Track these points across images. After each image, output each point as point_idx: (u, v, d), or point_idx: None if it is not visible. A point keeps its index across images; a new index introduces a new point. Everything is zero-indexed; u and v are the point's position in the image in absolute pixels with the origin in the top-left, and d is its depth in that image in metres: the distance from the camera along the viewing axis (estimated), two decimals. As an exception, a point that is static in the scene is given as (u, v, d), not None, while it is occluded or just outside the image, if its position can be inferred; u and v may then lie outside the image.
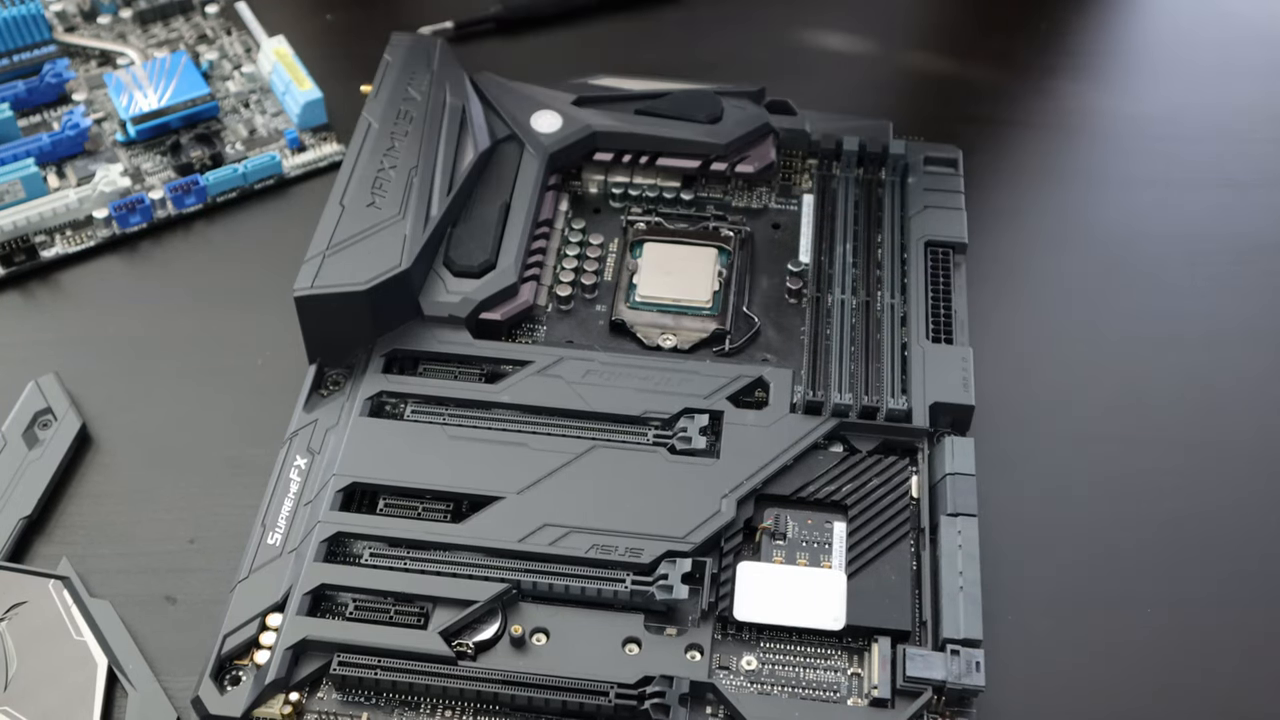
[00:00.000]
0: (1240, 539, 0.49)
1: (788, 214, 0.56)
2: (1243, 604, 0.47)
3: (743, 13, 0.68)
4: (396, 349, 0.49)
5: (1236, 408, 0.53)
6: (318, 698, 0.42)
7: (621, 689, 0.41)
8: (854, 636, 0.43)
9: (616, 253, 0.54)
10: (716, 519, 0.44)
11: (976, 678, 0.41)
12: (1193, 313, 0.56)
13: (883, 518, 0.45)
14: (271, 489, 0.46)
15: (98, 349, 0.54)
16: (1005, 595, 0.46)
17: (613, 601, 0.43)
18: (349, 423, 0.47)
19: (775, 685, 0.42)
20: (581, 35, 0.68)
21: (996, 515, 0.47)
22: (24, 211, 0.56)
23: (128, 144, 0.60)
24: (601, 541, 0.44)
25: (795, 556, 0.45)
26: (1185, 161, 0.62)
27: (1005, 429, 0.51)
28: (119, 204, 0.57)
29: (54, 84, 0.62)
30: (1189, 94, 0.66)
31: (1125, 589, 0.47)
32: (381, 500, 0.46)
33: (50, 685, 0.43)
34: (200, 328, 0.55)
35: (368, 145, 0.53)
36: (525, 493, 0.45)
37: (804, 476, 0.46)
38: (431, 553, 0.44)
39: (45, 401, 0.51)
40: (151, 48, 0.65)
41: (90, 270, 0.57)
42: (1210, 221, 0.60)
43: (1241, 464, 0.51)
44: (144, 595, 0.46)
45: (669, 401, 0.48)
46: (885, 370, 0.49)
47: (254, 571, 0.44)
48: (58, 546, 0.47)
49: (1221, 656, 0.46)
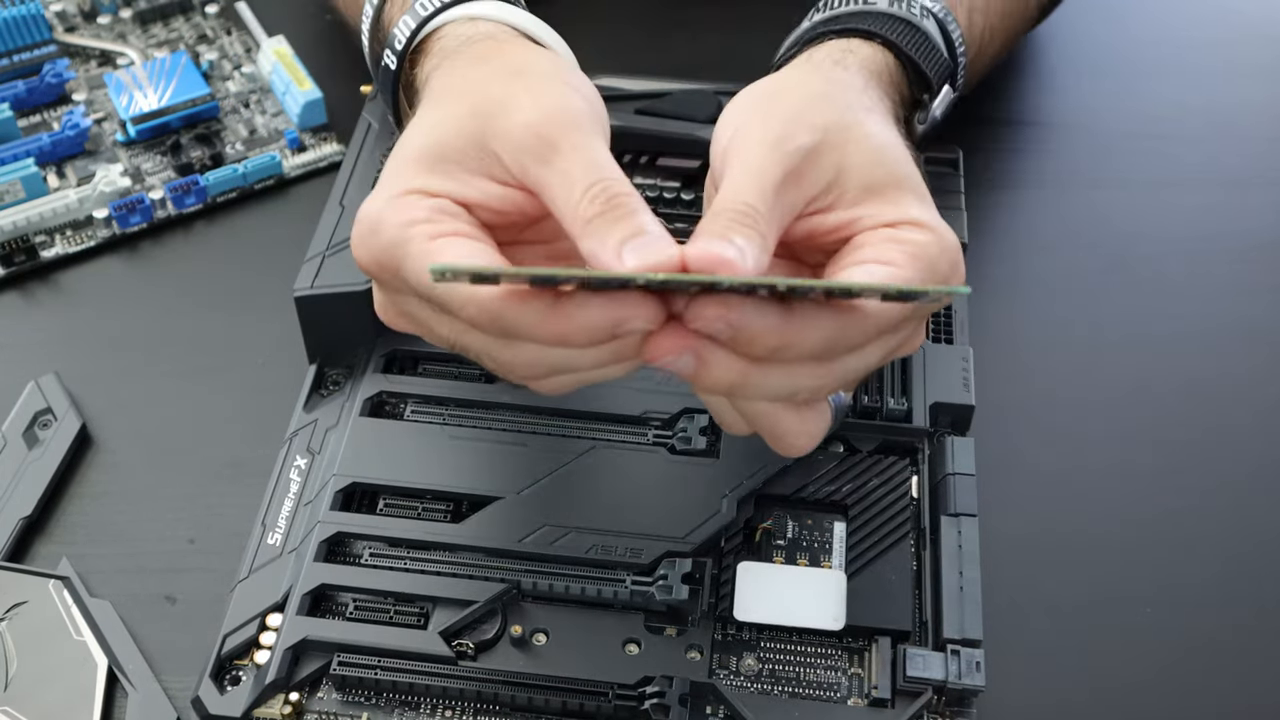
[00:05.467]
0: (1240, 539, 0.49)
1: (788, 214, 0.56)
2: (1243, 604, 0.47)
3: (743, 13, 0.68)
4: (396, 349, 0.49)
5: (1236, 408, 0.53)
6: (318, 698, 0.42)
7: (621, 689, 0.41)
8: (854, 636, 0.43)
9: (616, 253, 0.54)
10: (716, 519, 0.44)
11: (976, 678, 0.41)
12: (1193, 313, 0.56)
13: (883, 518, 0.45)
14: (271, 489, 0.46)
15: (98, 349, 0.54)
16: (1005, 595, 0.46)
17: (613, 602, 0.43)
18: (349, 423, 0.47)
19: (775, 685, 0.42)
20: (581, 35, 0.68)
21: (996, 515, 0.47)
22: (24, 211, 0.56)
23: (128, 144, 0.60)
24: (601, 542, 0.44)
25: (795, 556, 0.45)
26: (1185, 161, 0.62)
27: (1005, 429, 0.51)
28: (119, 204, 0.57)
29: (54, 84, 0.62)
30: (1189, 94, 0.66)
31: (1125, 589, 0.47)
32: (381, 500, 0.46)
33: (50, 685, 0.43)
34: (200, 328, 0.55)
35: (368, 145, 0.53)
36: (525, 493, 0.45)
37: (804, 476, 0.46)
38: (431, 553, 0.44)
39: (45, 401, 0.51)
40: (151, 48, 0.65)
41: (90, 270, 0.57)
42: (1210, 221, 0.60)
43: (1242, 464, 0.51)
44: (144, 595, 0.46)
45: (669, 401, 0.48)
46: (885, 370, 0.49)
47: (254, 571, 0.44)
48: (58, 546, 0.47)
49: (1221, 656, 0.46)
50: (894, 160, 0.39)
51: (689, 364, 0.35)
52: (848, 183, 0.38)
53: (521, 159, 0.37)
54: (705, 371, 0.35)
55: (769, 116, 0.39)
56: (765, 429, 0.39)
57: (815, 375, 0.36)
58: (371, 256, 0.37)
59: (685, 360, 0.35)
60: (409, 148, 0.39)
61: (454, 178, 0.38)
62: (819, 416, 0.39)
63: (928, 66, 0.46)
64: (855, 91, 0.42)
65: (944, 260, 0.37)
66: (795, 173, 0.37)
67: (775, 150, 0.37)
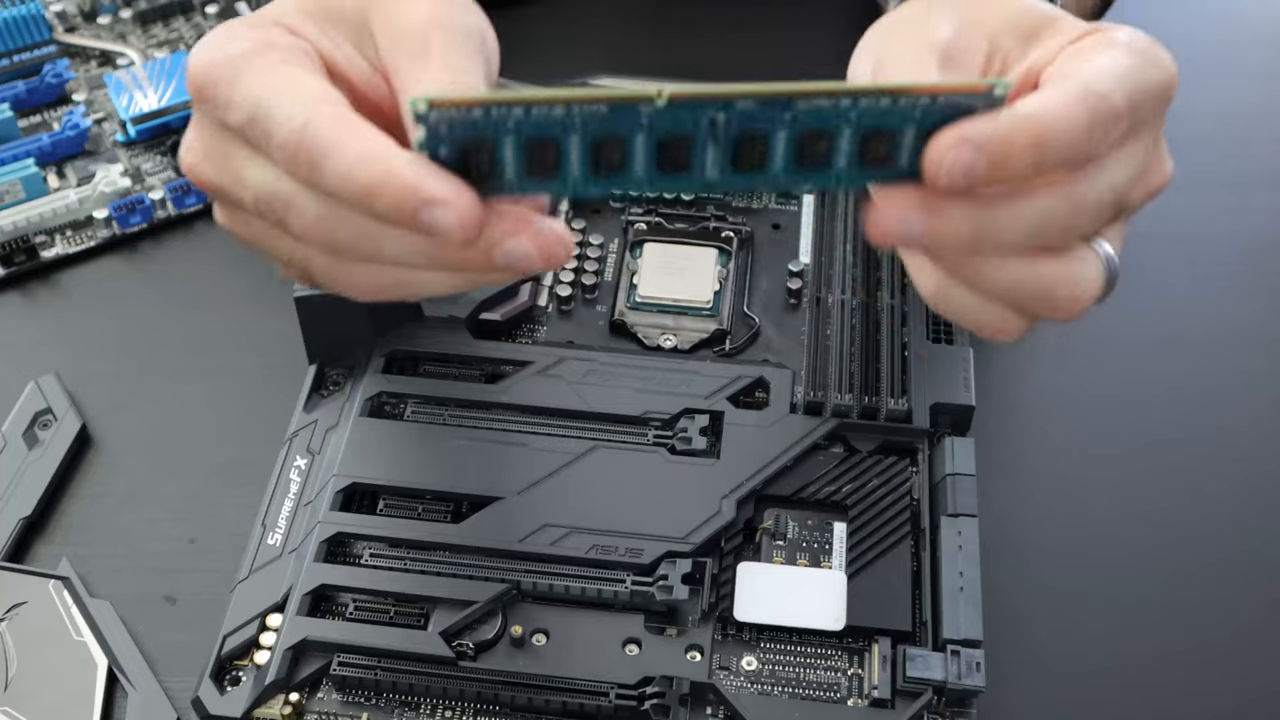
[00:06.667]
0: (1241, 539, 0.49)
1: (788, 214, 0.56)
2: (1244, 603, 0.47)
3: (743, 13, 0.68)
4: (396, 349, 0.49)
5: (1237, 408, 0.53)
6: (318, 698, 0.42)
7: (621, 689, 0.41)
8: (854, 637, 0.43)
9: (616, 253, 0.54)
10: (717, 519, 0.44)
11: (976, 678, 0.41)
12: (1193, 313, 0.56)
13: (883, 518, 0.45)
14: (271, 489, 0.46)
15: (98, 349, 0.54)
16: (1005, 595, 0.46)
17: (613, 602, 0.43)
18: (349, 423, 0.47)
19: (775, 686, 0.42)
20: (582, 35, 0.68)
21: (996, 515, 0.47)
22: (24, 211, 0.56)
23: (128, 144, 0.60)
24: (601, 542, 0.44)
25: (795, 557, 0.45)
26: (1185, 162, 0.62)
27: (1005, 429, 0.51)
28: (119, 204, 0.57)
29: (54, 84, 0.62)
30: (1189, 94, 0.65)
31: (1125, 589, 0.47)
32: (381, 501, 0.46)
33: (50, 685, 0.43)
34: (200, 328, 0.55)
35: (368, 145, 0.53)
36: (525, 493, 0.45)
37: (804, 477, 0.46)
38: (431, 553, 0.44)
39: (45, 401, 0.51)
40: (151, 48, 0.65)
41: (90, 270, 0.57)
42: (1211, 222, 0.60)
43: (1242, 464, 0.51)
44: (144, 595, 0.46)
45: (669, 402, 0.48)
46: (885, 370, 0.49)
47: (254, 571, 0.44)
48: (58, 546, 0.47)
49: (1222, 656, 0.46)
50: (1033, 3, 0.38)
51: (923, 222, 0.32)
52: (1005, 43, 0.37)
53: (395, 45, 0.36)
54: (946, 222, 0.32)
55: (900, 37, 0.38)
56: (1030, 292, 0.35)
57: (1058, 196, 0.33)
58: (209, 61, 0.35)
59: (918, 218, 0.32)
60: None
61: (327, 35, 0.37)
62: (1084, 262, 0.35)
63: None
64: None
65: (1150, 41, 0.36)
66: (947, 56, 0.36)
67: (923, 53, 0.36)
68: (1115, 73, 0.34)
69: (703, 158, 0.32)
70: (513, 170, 0.32)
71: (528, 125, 0.31)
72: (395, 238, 0.33)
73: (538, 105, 0.30)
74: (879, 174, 0.33)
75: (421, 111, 0.31)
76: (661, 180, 0.32)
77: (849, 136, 0.32)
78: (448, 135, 0.31)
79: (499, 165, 0.32)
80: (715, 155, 0.32)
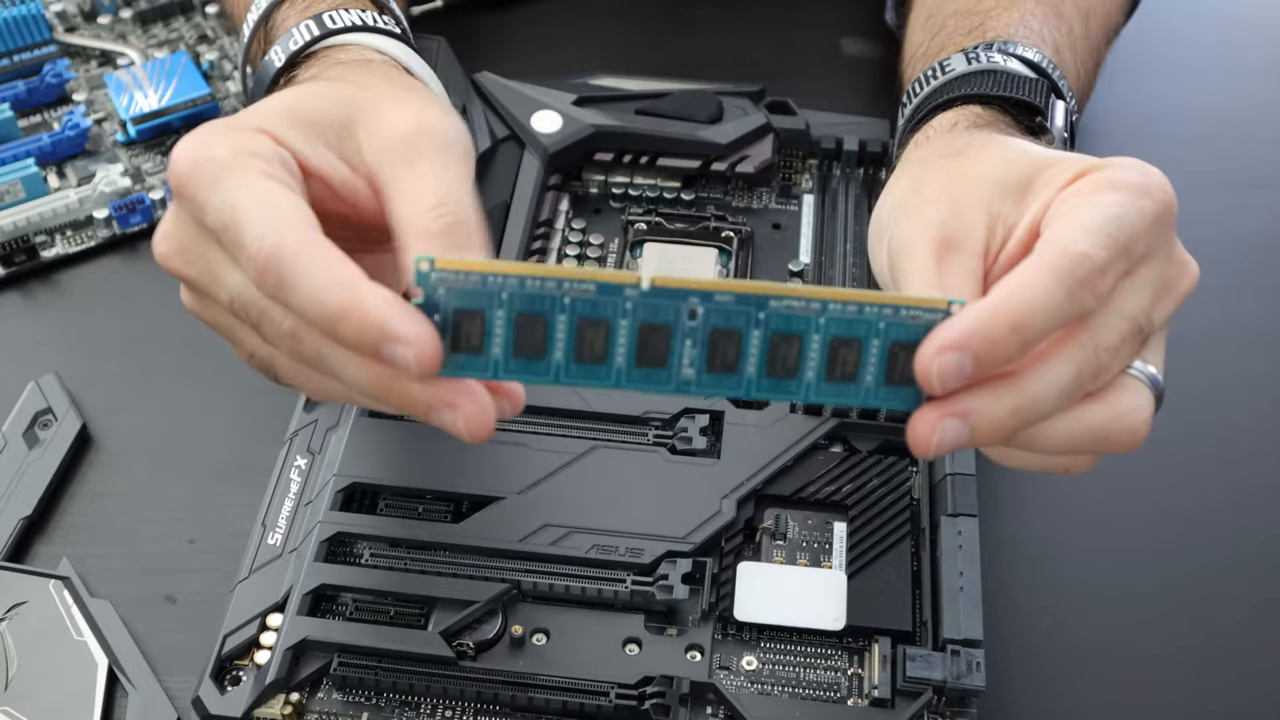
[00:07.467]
0: (1241, 538, 0.49)
1: (788, 214, 0.56)
2: (1244, 603, 0.47)
3: (743, 13, 0.68)
4: (396, 349, 0.49)
5: (1237, 407, 0.53)
6: (318, 698, 0.42)
7: (621, 689, 0.41)
8: (854, 636, 0.43)
9: (616, 253, 0.54)
10: (717, 519, 0.44)
11: (976, 678, 0.41)
12: (1193, 312, 0.56)
13: (883, 518, 0.45)
14: (271, 489, 0.46)
15: (98, 349, 0.54)
16: (1005, 595, 0.46)
17: (613, 602, 0.43)
18: (349, 423, 0.47)
19: (775, 685, 0.42)
20: (582, 35, 0.68)
21: (996, 515, 0.47)
22: (24, 211, 0.56)
23: (128, 144, 0.60)
24: (602, 542, 0.44)
25: (795, 556, 0.45)
26: (1185, 162, 0.62)
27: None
28: (119, 204, 0.57)
29: (54, 84, 0.62)
30: (1189, 94, 0.66)
31: (1125, 589, 0.47)
32: (381, 500, 0.46)
33: (50, 685, 0.43)
34: (201, 328, 0.54)
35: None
36: (525, 493, 0.45)
37: (804, 476, 0.46)
38: (431, 553, 0.44)
39: (45, 401, 0.51)
40: (152, 48, 0.65)
41: (90, 270, 0.57)
42: (1211, 222, 0.59)
43: (1242, 463, 0.51)
44: (144, 595, 0.46)
45: (669, 402, 0.48)
46: (885, 370, 0.48)
47: (254, 571, 0.44)
48: (58, 546, 0.47)
49: (1223, 655, 0.46)
50: (1021, 150, 0.39)
51: (959, 427, 0.33)
52: (1000, 208, 0.38)
53: (383, 152, 0.37)
54: (981, 419, 0.33)
55: (900, 226, 0.39)
56: (1086, 440, 0.35)
57: (1076, 348, 0.34)
58: (192, 164, 0.36)
59: (952, 425, 0.33)
60: (276, 99, 0.39)
61: (309, 141, 0.37)
62: (1129, 391, 0.35)
63: (1020, 92, 0.45)
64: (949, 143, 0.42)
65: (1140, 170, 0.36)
66: (947, 244, 0.37)
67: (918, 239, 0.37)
68: (1098, 224, 0.34)
69: (680, 350, 0.33)
70: (500, 345, 0.33)
71: (521, 298, 0.32)
72: (357, 364, 0.34)
73: (532, 278, 0.32)
74: (849, 392, 0.34)
75: (424, 271, 0.32)
76: (637, 374, 0.34)
77: (818, 344, 0.33)
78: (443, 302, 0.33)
79: (488, 338, 0.33)
80: (692, 352, 0.33)
